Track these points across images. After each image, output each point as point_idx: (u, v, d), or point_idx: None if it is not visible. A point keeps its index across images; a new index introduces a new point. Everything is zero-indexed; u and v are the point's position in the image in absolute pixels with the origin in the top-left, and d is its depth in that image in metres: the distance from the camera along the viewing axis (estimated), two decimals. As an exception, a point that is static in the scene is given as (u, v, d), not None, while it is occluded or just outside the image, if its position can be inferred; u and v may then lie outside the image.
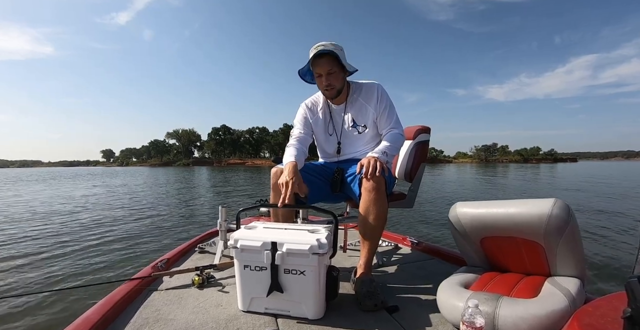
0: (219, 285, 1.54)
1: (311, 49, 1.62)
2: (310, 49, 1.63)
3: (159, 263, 1.73)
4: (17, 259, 3.94)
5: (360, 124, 1.76)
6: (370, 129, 1.75)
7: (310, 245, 1.16)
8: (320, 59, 1.60)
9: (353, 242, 2.17)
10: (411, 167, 1.92)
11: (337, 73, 1.64)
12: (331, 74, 1.63)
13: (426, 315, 1.28)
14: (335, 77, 1.64)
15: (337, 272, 1.31)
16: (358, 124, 1.76)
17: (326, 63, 1.60)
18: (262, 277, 1.23)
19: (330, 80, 1.64)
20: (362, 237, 1.51)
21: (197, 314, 1.26)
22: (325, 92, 1.71)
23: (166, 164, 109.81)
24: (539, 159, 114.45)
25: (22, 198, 11.64)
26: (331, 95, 1.70)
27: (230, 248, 1.25)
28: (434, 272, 1.76)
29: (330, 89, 1.67)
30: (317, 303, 1.22)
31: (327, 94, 1.72)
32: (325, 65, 1.61)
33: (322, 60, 1.60)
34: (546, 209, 1.18)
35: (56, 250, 4.33)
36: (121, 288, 1.40)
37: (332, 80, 1.64)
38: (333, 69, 1.62)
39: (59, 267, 3.65)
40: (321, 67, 1.62)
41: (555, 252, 1.22)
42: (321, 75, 1.64)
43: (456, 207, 1.44)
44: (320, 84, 1.68)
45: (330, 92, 1.68)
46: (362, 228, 1.50)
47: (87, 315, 1.16)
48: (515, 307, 1.05)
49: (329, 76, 1.63)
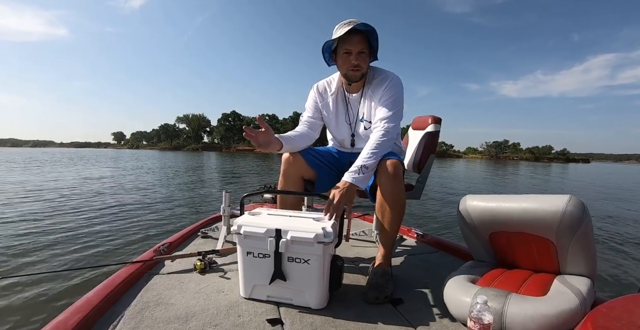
0: (221, 271, 1.53)
1: (341, 23, 1.49)
2: (339, 24, 1.50)
3: (160, 247, 1.72)
4: (20, 238, 3.95)
5: (368, 119, 1.66)
6: None
7: (316, 234, 1.13)
8: (354, 36, 1.48)
9: (357, 232, 2.15)
10: (420, 158, 1.88)
11: (366, 55, 1.54)
12: (362, 54, 1.52)
13: (431, 309, 1.26)
14: (364, 59, 1.53)
15: (342, 261, 1.28)
16: (365, 119, 1.67)
17: (360, 41, 1.49)
18: (265, 265, 1.21)
19: (359, 61, 1.51)
20: (381, 227, 1.48)
21: (198, 300, 1.25)
22: (349, 72, 1.56)
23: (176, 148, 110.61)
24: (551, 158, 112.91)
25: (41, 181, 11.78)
26: (356, 77, 1.57)
27: (233, 234, 1.23)
28: (439, 265, 1.74)
29: (356, 71, 1.54)
30: (320, 292, 1.21)
31: (351, 75, 1.57)
32: (358, 44, 1.49)
33: (356, 37, 1.48)
34: (560, 205, 1.15)
35: (58, 231, 4.35)
36: (122, 271, 1.39)
37: (361, 60, 1.52)
38: (364, 50, 1.51)
39: (60, 248, 3.66)
40: (353, 45, 1.49)
41: (567, 250, 1.19)
42: (351, 53, 1.51)
43: (466, 200, 1.41)
44: (347, 63, 1.53)
45: (355, 73, 1.55)
46: (380, 217, 1.47)
47: (88, 297, 1.15)
48: (524, 305, 1.03)
49: (359, 55, 1.51)
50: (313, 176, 1.68)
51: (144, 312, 1.15)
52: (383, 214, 1.46)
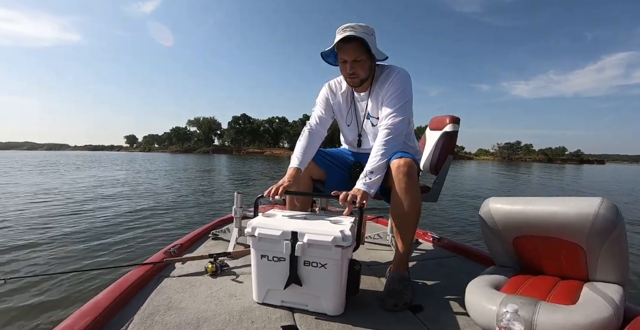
0: (233, 274, 1.50)
1: (338, 29, 1.45)
2: (338, 29, 1.46)
3: (171, 248, 1.69)
4: (30, 239, 3.95)
5: (374, 116, 1.61)
6: None
7: (334, 237, 1.09)
8: (347, 45, 1.44)
9: (372, 235, 2.10)
10: (437, 159, 1.82)
11: (364, 61, 1.48)
12: (357, 62, 1.47)
13: (452, 316, 1.21)
14: (361, 66, 1.49)
15: (359, 266, 1.23)
16: (372, 115, 1.62)
17: (353, 50, 1.44)
18: (280, 269, 1.17)
19: (355, 69, 1.48)
20: (396, 230, 1.42)
21: (209, 304, 1.21)
22: (347, 80, 1.56)
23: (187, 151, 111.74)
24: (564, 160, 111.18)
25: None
26: (354, 84, 1.57)
27: (246, 236, 1.19)
28: (458, 270, 1.68)
29: (353, 78, 1.52)
30: (337, 298, 1.16)
31: (349, 82, 1.58)
32: (351, 52, 1.45)
33: (349, 46, 1.44)
34: (592, 208, 1.09)
35: (69, 232, 4.35)
36: (132, 273, 1.37)
37: (357, 68, 1.48)
38: (360, 57, 1.46)
39: (72, 248, 3.65)
40: (347, 54, 1.46)
41: (597, 256, 1.13)
42: (346, 61, 1.48)
43: (489, 203, 1.35)
44: (344, 71, 1.52)
45: (353, 80, 1.54)
46: (395, 219, 1.42)
47: (97, 300, 1.13)
48: (554, 314, 0.97)
49: (354, 64, 1.47)
50: (322, 176, 1.65)
51: (154, 317, 1.12)
52: (398, 215, 1.40)
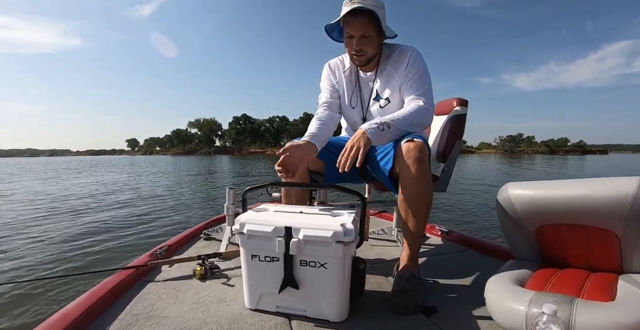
0: (224, 277, 1.35)
1: (345, 0, 1.31)
2: (345, 0, 1.32)
3: (158, 250, 1.55)
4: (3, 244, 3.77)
5: (383, 97, 1.48)
6: (395, 102, 1.47)
7: (334, 232, 0.94)
8: (354, 18, 1.30)
9: (376, 230, 1.96)
10: (445, 145, 1.67)
11: (373, 38, 1.35)
12: (365, 38, 1.34)
13: (472, 319, 1.06)
14: (369, 43, 1.35)
15: (364, 264, 1.08)
16: (381, 96, 1.49)
17: (361, 24, 1.31)
18: (273, 270, 1.02)
19: (362, 45, 1.35)
20: (405, 222, 1.27)
21: (195, 312, 1.07)
22: (353, 57, 1.42)
23: (188, 153, 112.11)
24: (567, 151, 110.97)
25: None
26: (360, 62, 1.43)
27: (235, 234, 1.05)
28: (471, 265, 1.54)
29: (360, 55, 1.38)
30: (340, 302, 1.01)
31: (355, 60, 1.43)
32: (359, 27, 1.31)
33: (357, 19, 1.30)
34: (630, 189, 0.94)
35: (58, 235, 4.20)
36: (111, 278, 1.23)
37: (364, 45, 1.35)
38: (369, 32, 1.32)
39: (54, 253, 3.43)
40: (354, 28, 1.32)
41: (636, 244, 0.99)
42: (352, 37, 1.34)
43: (507, 188, 1.20)
44: (350, 47, 1.39)
45: (359, 59, 1.40)
46: (403, 210, 1.27)
47: (67, 311, 0.99)
48: (595, 313, 0.83)
49: (361, 40, 1.34)
50: (321, 167, 1.51)
51: (132, 328, 0.98)
52: (407, 206, 1.25)
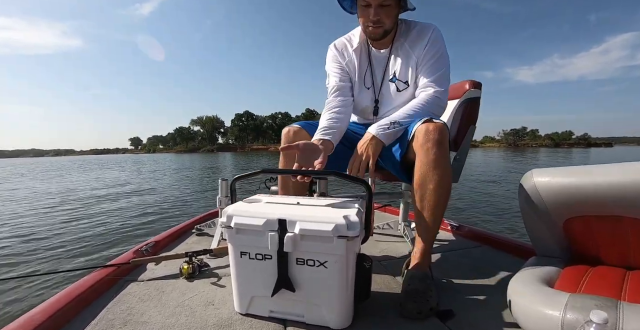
0: (214, 277, 1.22)
1: None
2: None
3: (144, 247, 1.42)
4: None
5: (402, 79, 1.33)
6: (414, 85, 1.33)
7: (336, 225, 0.80)
8: None
9: (381, 225, 1.83)
10: (457, 131, 1.51)
11: (392, 7, 1.22)
12: (384, 7, 1.21)
13: (493, 324, 0.91)
14: (387, 13, 1.22)
15: (370, 263, 0.94)
16: (398, 78, 1.34)
17: None
18: (265, 269, 0.88)
19: (380, 15, 1.22)
20: (419, 214, 1.13)
21: (178, 316, 0.94)
22: (368, 29, 1.28)
23: (191, 151, 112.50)
24: (571, 144, 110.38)
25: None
26: (376, 35, 1.28)
27: (223, 228, 0.91)
28: (486, 262, 1.39)
29: (377, 27, 1.25)
30: (342, 306, 0.87)
31: (370, 33, 1.29)
32: None
33: None
34: None
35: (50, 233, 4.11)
36: (88, 278, 1.10)
37: (383, 15, 1.22)
38: (388, 1, 1.20)
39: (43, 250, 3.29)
40: None
41: None
42: (370, 5, 1.21)
43: (532, 176, 1.05)
44: (365, 18, 1.25)
45: (376, 30, 1.26)
46: (418, 201, 1.12)
47: (31, 316, 0.87)
48: None
49: (380, 9, 1.21)
50: None
51: None
52: (423, 195, 1.10)
